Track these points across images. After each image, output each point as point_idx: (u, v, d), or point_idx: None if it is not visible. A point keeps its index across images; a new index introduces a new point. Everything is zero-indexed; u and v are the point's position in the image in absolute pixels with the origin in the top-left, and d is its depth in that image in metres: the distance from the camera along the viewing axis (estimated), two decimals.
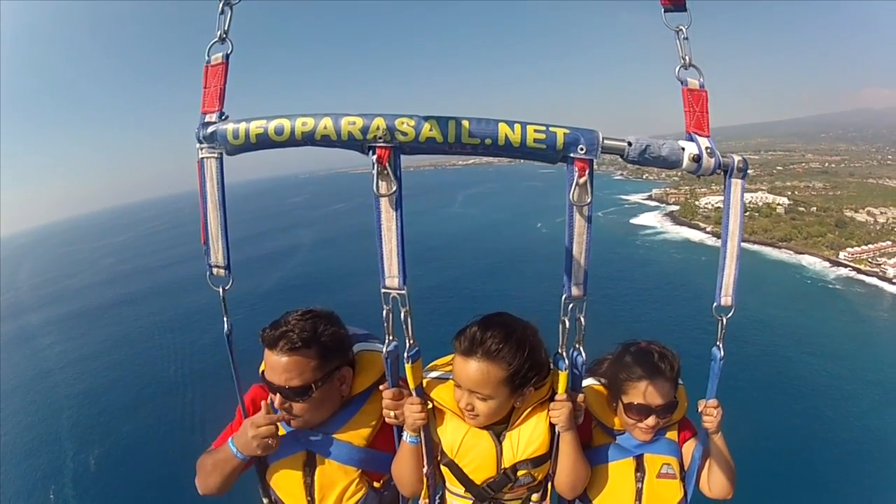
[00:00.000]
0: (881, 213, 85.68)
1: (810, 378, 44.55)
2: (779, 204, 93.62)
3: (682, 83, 2.05)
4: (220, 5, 2.06)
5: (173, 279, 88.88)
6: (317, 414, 2.48)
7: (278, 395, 2.38)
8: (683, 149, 1.97)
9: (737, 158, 2.05)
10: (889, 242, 76.75)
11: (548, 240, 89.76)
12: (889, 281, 68.40)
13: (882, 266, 71.06)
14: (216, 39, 2.10)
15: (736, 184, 2.09)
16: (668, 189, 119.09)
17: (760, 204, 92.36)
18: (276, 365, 2.34)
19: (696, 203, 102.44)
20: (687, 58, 2.04)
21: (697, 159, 1.95)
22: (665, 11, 2.04)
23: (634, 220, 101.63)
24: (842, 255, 75.77)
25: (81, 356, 60.40)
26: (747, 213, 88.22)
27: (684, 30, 2.04)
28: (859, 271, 72.04)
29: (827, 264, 75.51)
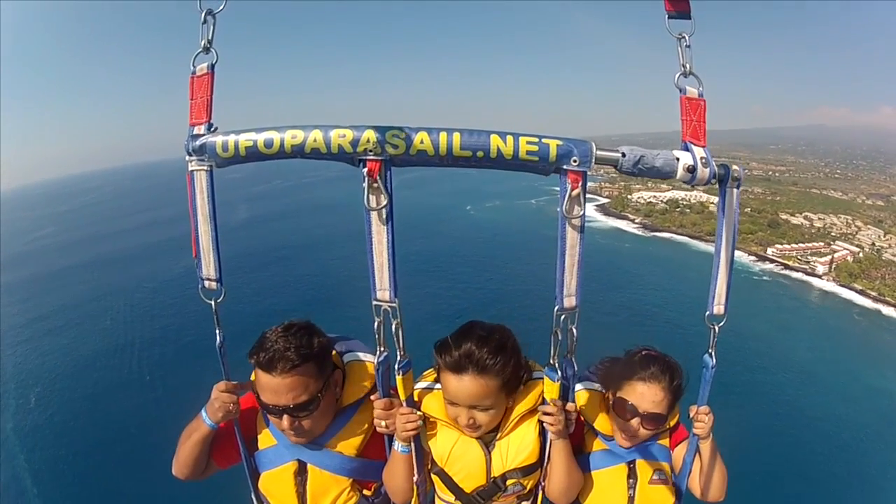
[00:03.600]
0: (819, 218, 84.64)
1: (724, 353, 45.62)
2: (712, 202, 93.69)
3: (680, 91, 1.98)
4: (203, 15, 1.99)
5: (114, 249, 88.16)
6: (320, 423, 2.43)
7: (285, 416, 2.29)
8: (678, 159, 1.92)
9: (732, 168, 2.00)
10: (822, 244, 76.58)
11: (475, 222, 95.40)
12: (818, 277, 69.60)
13: (812, 264, 71.87)
14: (200, 49, 2.03)
15: (731, 193, 2.06)
16: (602, 182, 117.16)
17: (693, 202, 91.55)
18: (280, 387, 2.24)
19: (629, 197, 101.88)
20: (687, 66, 1.97)
21: (692, 170, 1.91)
22: (669, 18, 1.98)
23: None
24: (770, 250, 76.22)
25: (27, 320, 59.40)
26: (678, 209, 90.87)
27: (687, 38, 1.97)
28: (787, 266, 72.87)
29: (753, 258, 75.77)
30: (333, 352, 2.55)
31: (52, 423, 38.61)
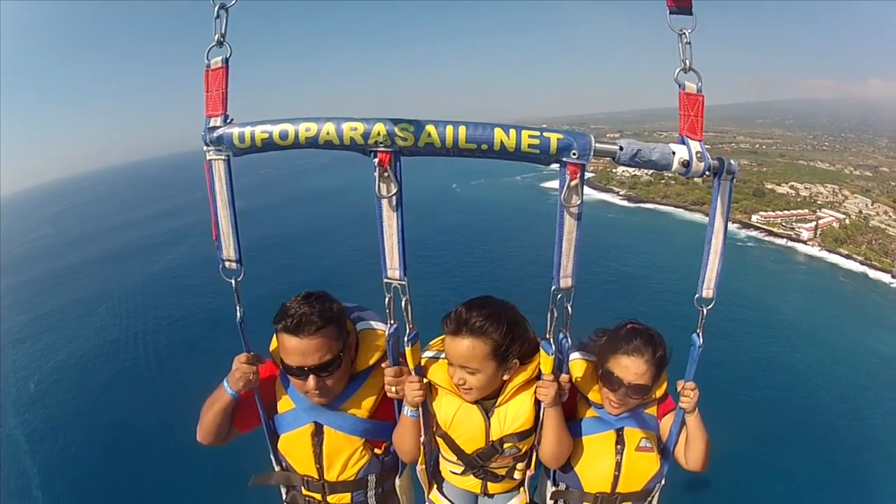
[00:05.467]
0: (805, 187, 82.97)
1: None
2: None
3: (679, 86, 2.02)
4: (216, 9, 2.03)
5: (111, 245, 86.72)
6: (341, 382, 2.57)
7: (311, 376, 2.43)
8: (674, 153, 1.97)
9: (726, 162, 2.06)
10: (807, 211, 75.19)
11: (461, 198, 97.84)
12: (804, 242, 68.90)
13: (796, 230, 71.04)
14: (214, 43, 2.07)
15: (724, 185, 2.12)
16: None
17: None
18: (307, 348, 2.37)
19: (613, 171, 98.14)
20: (687, 61, 1.99)
21: (687, 164, 1.96)
22: (670, 13, 1.99)
23: (545, 185, 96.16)
24: (754, 217, 75.07)
25: (28, 319, 58.19)
26: (663, 181, 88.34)
27: (687, 33, 1.99)
28: (771, 233, 71.97)
29: (738, 225, 73.78)
30: (348, 319, 2.67)
31: (57, 413, 38.05)
